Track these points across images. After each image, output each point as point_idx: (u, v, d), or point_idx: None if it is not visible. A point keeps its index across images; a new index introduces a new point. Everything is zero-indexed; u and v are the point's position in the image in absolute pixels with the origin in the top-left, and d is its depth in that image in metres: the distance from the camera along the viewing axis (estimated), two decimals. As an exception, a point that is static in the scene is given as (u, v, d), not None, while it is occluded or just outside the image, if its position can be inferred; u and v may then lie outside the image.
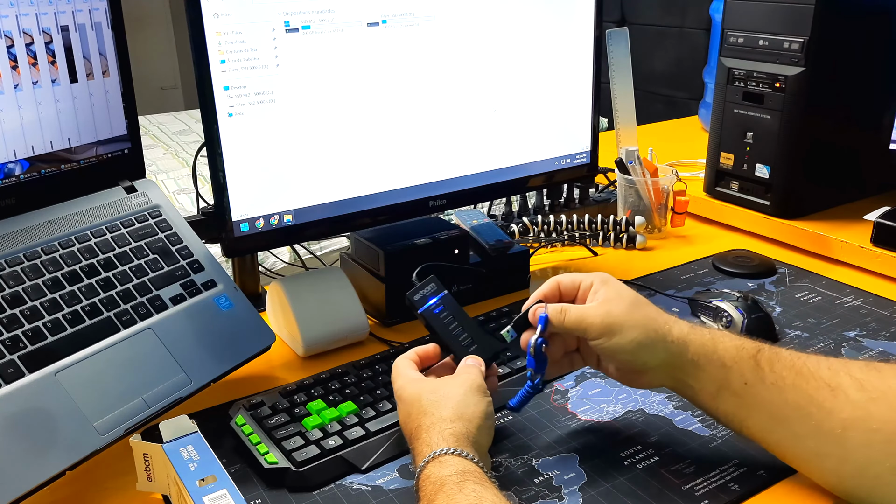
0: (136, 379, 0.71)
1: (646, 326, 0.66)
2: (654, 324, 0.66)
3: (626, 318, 0.66)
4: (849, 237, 1.09)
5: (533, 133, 1.03)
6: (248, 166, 0.83)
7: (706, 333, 0.66)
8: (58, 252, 0.75)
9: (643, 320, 0.66)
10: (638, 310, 0.67)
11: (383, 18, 0.87)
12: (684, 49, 2.71)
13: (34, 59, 0.75)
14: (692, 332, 0.66)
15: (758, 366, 0.63)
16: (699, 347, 0.65)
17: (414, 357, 0.72)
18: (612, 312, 0.66)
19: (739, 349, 0.64)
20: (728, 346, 0.64)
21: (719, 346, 0.65)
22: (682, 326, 0.66)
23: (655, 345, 0.66)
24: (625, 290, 0.68)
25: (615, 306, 0.67)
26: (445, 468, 0.58)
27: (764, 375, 0.62)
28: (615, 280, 0.70)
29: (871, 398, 0.58)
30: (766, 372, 0.62)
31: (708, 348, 0.65)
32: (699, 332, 0.66)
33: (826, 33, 1.09)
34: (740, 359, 0.63)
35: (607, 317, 0.66)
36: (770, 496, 0.65)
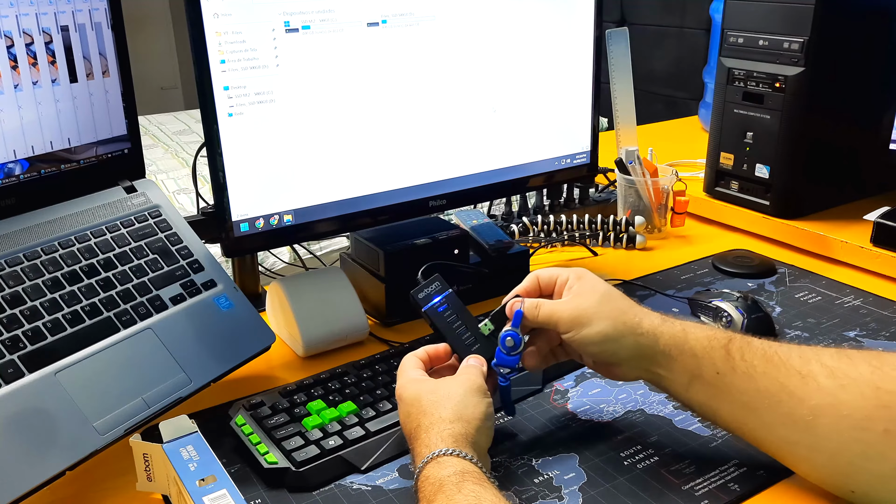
0: (136, 379, 0.71)
1: (615, 319, 0.67)
2: (623, 316, 0.67)
3: (594, 311, 0.67)
4: (849, 237, 1.09)
5: (533, 133, 1.03)
6: (248, 166, 0.83)
7: (677, 325, 0.67)
8: (58, 252, 0.75)
9: (612, 313, 0.67)
10: (608, 303, 0.68)
11: (383, 18, 0.87)
12: (684, 49, 2.71)
13: (34, 59, 0.75)
14: (663, 324, 0.67)
15: (728, 355, 0.64)
16: (670, 339, 0.66)
17: (423, 356, 0.72)
18: (581, 306, 0.68)
19: (710, 339, 0.65)
20: (699, 337, 0.65)
21: (690, 336, 0.66)
22: (653, 319, 0.67)
23: (625, 337, 0.67)
24: (598, 284, 0.70)
25: (585, 300, 0.68)
26: (444, 469, 0.58)
27: (735, 364, 0.63)
28: (591, 275, 0.71)
29: (840, 385, 0.59)
30: (736, 361, 0.63)
31: (679, 339, 0.66)
32: (670, 323, 0.67)
33: (826, 33, 1.09)
34: (711, 348, 0.64)
35: (576, 310, 0.68)
36: (770, 496, 0.65)
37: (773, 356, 0.62)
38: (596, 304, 0.68)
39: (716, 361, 0.64)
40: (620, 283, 1.05)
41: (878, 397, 0.57)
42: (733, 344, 0.64)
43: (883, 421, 0.56)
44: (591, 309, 0.67)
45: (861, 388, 0.58)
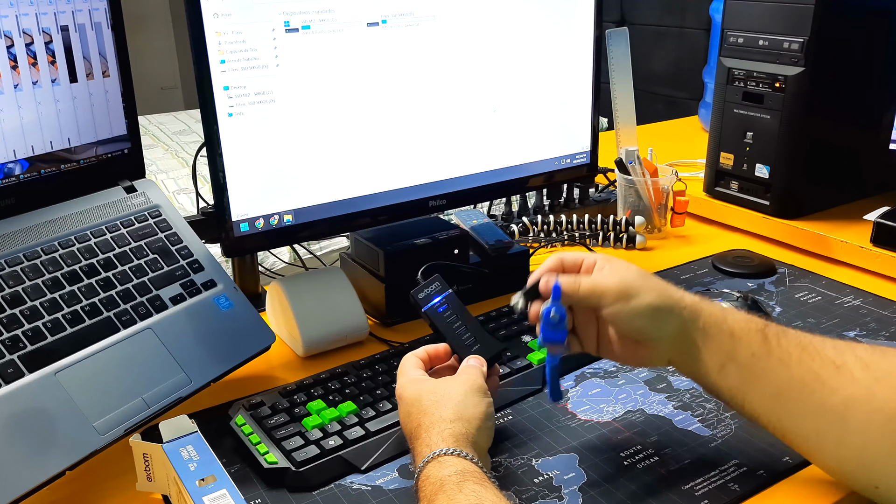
0: (136, 379, 0.71)
1: (660, 292, 0.66)
2: (668, 290, 0.67)
3: (641, 283, 0.66)
4: (849, 237, 1.09)
5: (533, 133, 1.03)
6: (248, 166, 0.83)
7: (716, 304, 0.67)
8: (58, 252, 0.75)
9: (657, 286, 0.67)
10: (650, 278, 0.68)
11: (383, 18, 0.87)
12: (684, 49, 2.71)
13: (34, 59, 0.75)
14: (703, 301, 0.67)
15: (765, 339, 0.63)
16: (709, 316, 0.66)
17: (423, 355, 0.72)
18: (627, 279, 0.66)
19: (748, 321, 0.65)
20: (738, 318, 0.65)
21: (729, 316, 0.66)
22: (693, 296, 0.67)
23: (671, 310, 0.66)
24: (630, 264, 0.69)
25: (627, 274, 0.67)
26: (445, 468, 0.58)
27: (771, 348, 0.63)
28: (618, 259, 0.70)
29: (875, 378, 0.58)
30: (773, 345, 0.63)
31: (718, 318, 0.65)
32: (709, 302, 0.67)
33: (826, 33, 1.09)
34: (749, 330, 0.64)
35: (622, 282, 0.66)
36: (770, 496, 0.65)
37: (809, 345, 0.62)
38: (639, 278, 0.67)
39: (752, 344, 0.64)
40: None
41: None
42: (770, 329, 0.64)
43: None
44: (637, 281, 0.66)
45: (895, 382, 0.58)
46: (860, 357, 0.60)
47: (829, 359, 0.61)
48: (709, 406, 0.77)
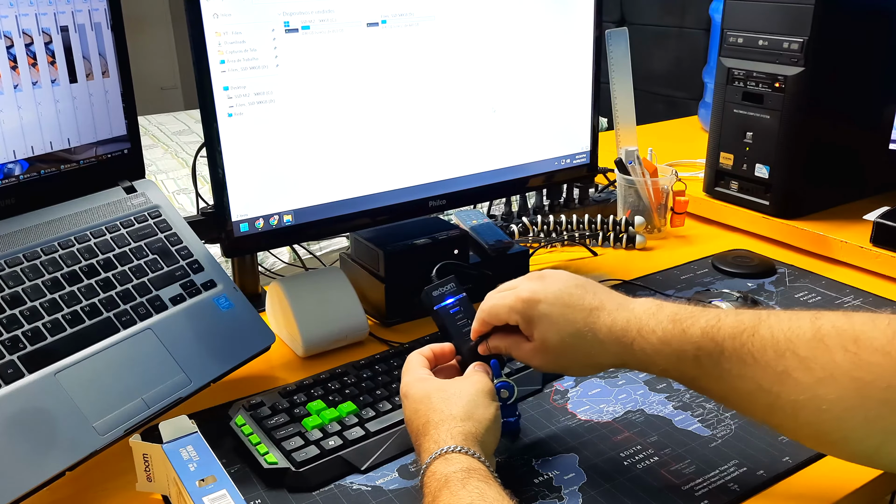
0: (136, 379, 0.71)
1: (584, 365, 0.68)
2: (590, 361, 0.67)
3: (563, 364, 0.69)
4: (849, 237, 1.09)
5: (533, 133, 1.03)
6: (248, 166, 0.83)
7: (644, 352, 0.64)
8: (57, 252, 0.75)
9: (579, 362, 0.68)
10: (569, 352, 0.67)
11: (383, 18, 0.87)
12: (684, 49, 2.71)
13: (34, 60, 0.75)
14: (627, 352, 0.65)
15: (700, 366, 0.62)
16: (637, 364, 0.65)
17: (428, 354, 0.72)
18: (549, 362, 0.68)
19: (680, 354, 0.63)
20: (667, 355, 0.63)
21: (658, 358, 0.64)
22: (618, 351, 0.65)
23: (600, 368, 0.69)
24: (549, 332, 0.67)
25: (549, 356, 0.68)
26: (451, 465, 0.58)
27: (708, 372, 0.62)
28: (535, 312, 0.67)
29: (817, 380, 0.57)
30: (709, 369, 0.62)
31: (646, 363, 0.65)
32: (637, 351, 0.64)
33: (826, 33, 1.09)
34: (681, 363, 0.63)
35: (547, 366, 0.69)
36: (770, 496, 0.66)
37: (747, 356, 0.60)
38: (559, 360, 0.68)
39: (688, 373, 0.63)
40: (620, 283, 1.05)
41: (858, 389, 0.55)
42: (703, 353, 0.62)
43: (863, 410, 0.55)
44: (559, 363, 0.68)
45: (840, 382, 0.56)
46: (801, 357, 0.58)
47: (769, 366, 0.59)
48: (709, 406, 0.77)
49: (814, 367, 0.57)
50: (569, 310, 0.67)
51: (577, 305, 0.67)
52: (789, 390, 0.58)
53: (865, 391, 0.55)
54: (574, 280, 0.69)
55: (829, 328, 0.58)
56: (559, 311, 0.67)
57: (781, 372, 0.59)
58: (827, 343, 0.58)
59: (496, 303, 0.70)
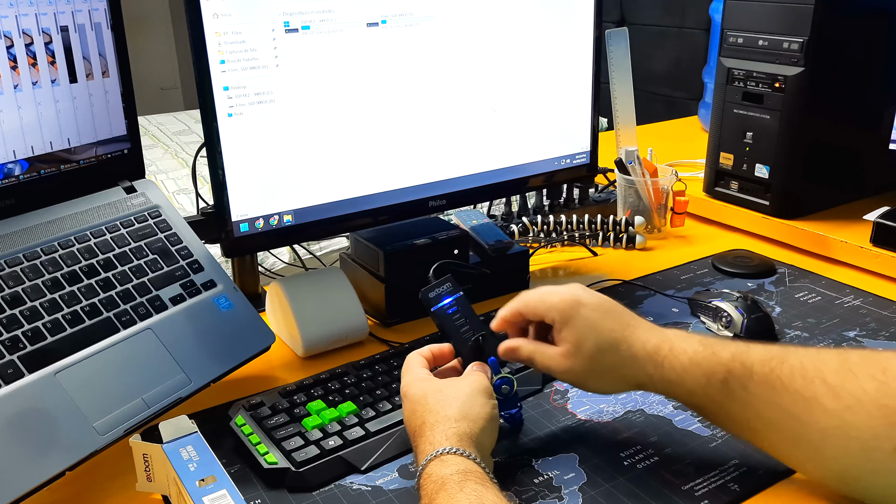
0: (136, 379, 0.71)
1: (611, 379, 0.68)
2: (618, 374, 0.67)
3: (589, 373, 0.68)
4: (848, 237, 1.09)
5: (533, 133, 1.03)
6: (248, 166, 0.83)
7: (674, 370, 0.65)
8: (57, 252, 0.75)
9: (607, 374, 0.67)
10: (601, 361, 0.67)
11: (383, 18, 0.87)
12: (684, 49, 2.71)
13: (34, 60, 0.75)
14: (657, 371, 0.65)
15: (729, 390, 0.62)
16: (665, 385, 0.66)
17: (428, 354, 0.72)
18: (575, 369, 0.68)
19: (708, 377, 0.63)
20: (696, 376, 0.64)
21: (686, 379, 0.64)
22: (648, 367, 0.66)
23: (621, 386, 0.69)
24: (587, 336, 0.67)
25: (577, 363, 0.67)
26: (447, 467, 0.58)
27: (735, 396, 0.62)
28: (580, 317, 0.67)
29: (846, 406, 0.57)
30: (738, 393, 0.62)
31: (674, 384, 0.65)
32: (666, 370, 0.65)
33: (826, 33, 1.09)
34: (709, 386, 0.63)
35: (570, 372, 0.68)
36: (770, 496, 0.65)
37: (776, 381, 0.61)
38: (589, 365, 0.67)
39: (714, 396, 0.63)
40: (621, 283, 1.05)
41: (886, 416, 0.56)
42: (732, 377, 0.62)
43: (891, 440, 0.55)
44: (583, 374, 0.68)
45: (867, 409, 0.57)
46: (830, 385, 0.59)
47: (798, 393, 0.59)
48: (709, 406, 0.77)
49: (842, 395, 0.58)
50: (609, 319, 0.67)
51: (617, 317, 0.68)
52: (817, 417, 0.58)
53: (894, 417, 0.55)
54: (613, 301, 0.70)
55: (856, 359, 0.59)
56: (600, 316, 0.67)
57: (810, 398, 0.59)
58: (855, 371, 0.58)
59: (536, 297, 0.70)
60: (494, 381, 0.70)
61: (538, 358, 0.70)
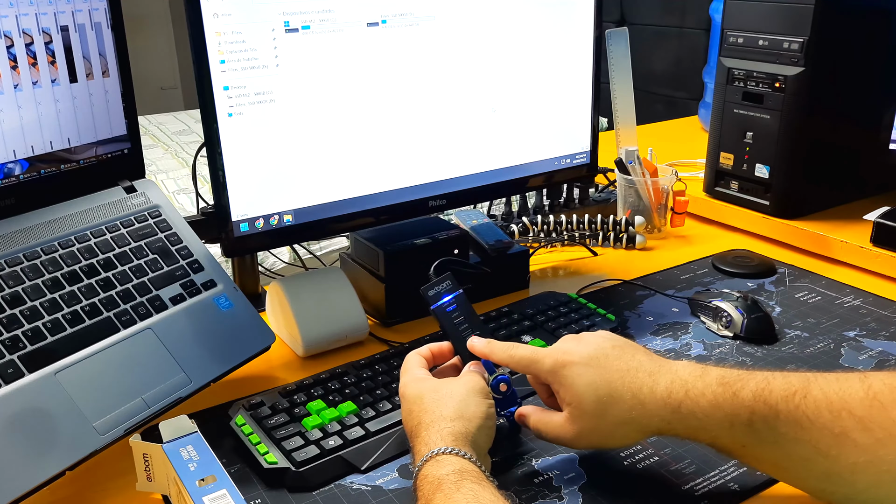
0: (136, 379, 0.71)
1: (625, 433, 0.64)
2: (632, 426, 0.63)
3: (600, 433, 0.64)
4: (849, 237, 1.09)
5: (533, 133, 1.03)
6: (248, 166, 0.83)
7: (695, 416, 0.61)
8: (57, 252, 0.75)
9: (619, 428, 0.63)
10: (608, 416, 0.63)
11: (383, 18, 0.87)
12: (684, 49, 2.71)
13: (34, 59, 0.75)
14: (675, 417, 0.61)
15: (754, 431, 0.60)
16: (686, 431, 0.62)
17: (426, 354, 0.72)
18: (583, 434, 0.64)
19: (732, 420, 0.60)
20: (719, 419, 0.60)
21: (709, 424, 0.61)
22: (664, 414, 0.62)
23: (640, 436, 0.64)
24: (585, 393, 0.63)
25: (584, 426, 0.64)
26: (443, 467, 0.58)
27: (762, 437, 0.60)
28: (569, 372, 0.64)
29: (877, 440, 0.56)
30: (763, 434, 0.60)
31: (696, 429, 0.62)
32: (685, 415, 0.61)
33: (826, 33, 1.09)
34: (733, 428, 0.60)
35: (580, 438, 0.65)
36: (770, 496, 0.65)
37: (802, 419, 0.58)
38: (595, 424, 0.63)
39: (740, 439, 0.60)
40: (621, 282, 1.05)
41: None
42: (756, 417, 0.59)
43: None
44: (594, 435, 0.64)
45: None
46: (858, 417, 0.57)
47: (826, 428, 0.57)
48: (709, 406, 0.77)
49: (872, 427, 0.56)
50: (604, 371, 0.64)
51: (612, 367, 0.64)
52: (848, 452, 0.57)
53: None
54: (611, 341, 0.66)
55: (879, 386, 0.57)
56: (594, 371, 0.64)
57: (839, 434, 0.57)
58: (881, 401, 0.56)
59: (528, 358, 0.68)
60: (491, 380, 0.70)
61: (543, 429, 0.67)
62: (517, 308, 0.93)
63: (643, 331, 0.91)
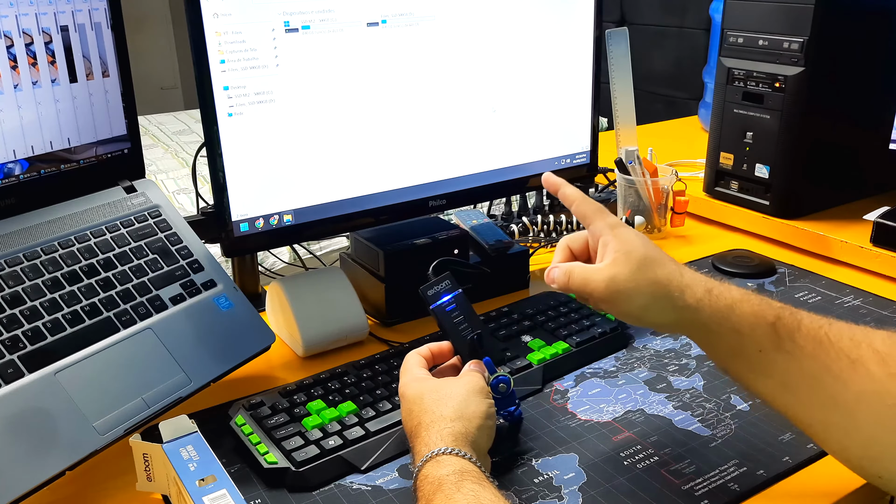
0: (136, 379, 0.71)
1: (654, 294, 0.63)
2: (663, 290, 0.63)
3: (632, 284, 0.63)
4: (849, 237, 1.09)
5: (533, 133, 1.03)
6: (248, 166, 0.83)
7: (722, 299, 0.62)
8: (57, 252, 0.75)
9: (650, 287, 0.63)
10: (646, 272, 0.63)
11: (383, 18, 0.87)
12: (684, 49, 2.71)
13: (34, 59, 0.75)
14: (707, 296, 0.62)
15: (775, 334, 0.60)
16: (712, 314, 0.62)
17: (426, 353, 0.72)
18: (617, 278, 0.63)
19: (757, 317, 0.61)
20: (745, 312, 0.61)
21: (736, 311, 0.61)
22: (697, 291, 0.62)
23: (665, 310, 0.63)
24: (634, 246, 0.64)
25: (621, 269, 0.63)
26: (443, 468, 0.58)
27: (781, 343, 0.60)
28: (625, 232, 0.66)
29: (891, 374, 0.56)
30: (783, 340, 0.60)
31: (722, 315, 0.62)
32: (715, 297, 0.62)
33: (826, 33, 1.09)
34: (757, 325, 0.61)
35: (612, 283, 0.63)
36: (770, 496, 0.66)
37: (824, 338, 0.59)
38: (632, 276, 0.63)
39: (759, 340, 0.60)
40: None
41: None
42: (781, 323, 0.60)
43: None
44: (627, 283, 0.63)
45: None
46: (878, 350, 0.57)
47: (843, 352, 0.58)
48: (709, 406, 0.77)
49: (889, 362, 0.56)
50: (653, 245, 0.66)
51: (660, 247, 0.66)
52: (859, 379, 0.57)
53: None
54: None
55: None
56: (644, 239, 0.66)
57: (855, 360, 0.57)
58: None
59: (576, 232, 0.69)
60: (491, 380, 0.70)
61: (577, 270, 0.65)
62: (517, 308, 0.93)
63: (643, 331, 0.91)
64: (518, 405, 0.74)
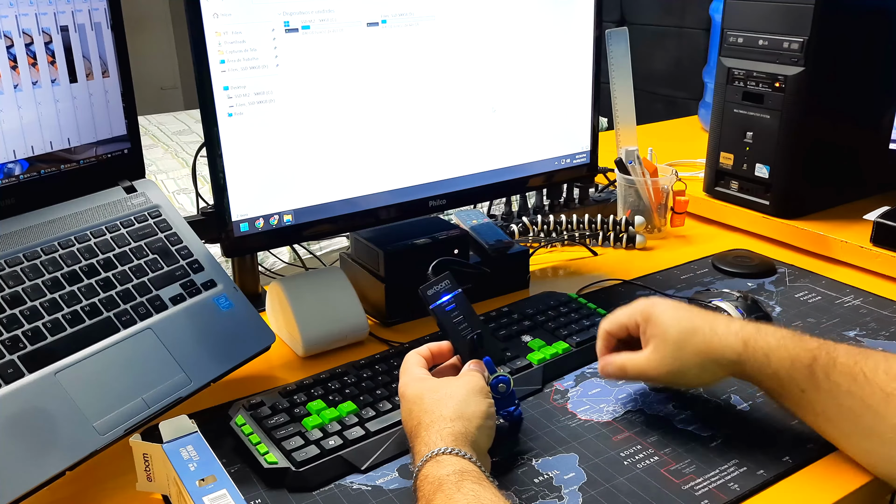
0: (136, 379, 0.71)
1: (700, 364, 0.70)
2: (705, 358, 0.69)
3: (678, 363, 0.70)
4: (849, 237, 1.09)
5: (533, 133, 1.03)
6: (248, 166, 0.83)
7: (759, 349, 0.68)
8: (57, 252, 0.75)
9: (695, 358, 0.70)
10: (686, 347, 0.70)
11: (383, 18, 0.87)
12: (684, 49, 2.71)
13: (34, 60, 0.75)
14: (744, 350, 0.68)
15: (813, 375, 0.65)
16: (753, 365, 0.68)
17: (426, 353, 0.72)
18: (665, 361, 0.70)
19: (794, 361, 0.66)
20: (783, 359, 0.67)
21: (773, 360, 0.67)
22: (735, 344, 0.68)
23: (714, 371, 0.70)
24: (667, 327, 0.71)
25: (664, 353, 0.70)
26: (443, 468, 0.58)
27: (819, 383, 0.65)
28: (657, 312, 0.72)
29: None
30: (820, 380, 0.65)
31: (761, 364, 0.67)
32: (752, 350, 0.68)
33: (826, 33, 1.09)
34: (794, 370, 0.66)
35: (661, 366, 0.71)
36: (770, 496, 0.66)
37: (859, 374, 0.63)
38: (676, 354, 0.70)
39: (799, 382, 0.66)
40: (621, 282, 1.05)
41: None
42: (818, 364, 0.65)
43: None
44: (675, 362, 0.70)
45: None
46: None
47: (878, 386, 0.62)
48: (709, 406, 0.77)
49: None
50: (685, 311, 0.72)
51: (692, 309, 0.73)
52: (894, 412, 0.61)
53: None
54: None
55: None
56: (675, 309, 0.72)
57: (890, 393, 0.61)
58: None
59: (615, 314, 0.75)
60: (491, 380, 0.70)
61: (630, 365, 0.73)
62: (517, 308, 0.93)
63: (643, 331, 0.91)
64: (518, 405, 0.74)
